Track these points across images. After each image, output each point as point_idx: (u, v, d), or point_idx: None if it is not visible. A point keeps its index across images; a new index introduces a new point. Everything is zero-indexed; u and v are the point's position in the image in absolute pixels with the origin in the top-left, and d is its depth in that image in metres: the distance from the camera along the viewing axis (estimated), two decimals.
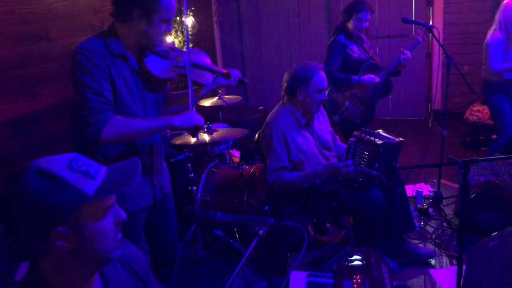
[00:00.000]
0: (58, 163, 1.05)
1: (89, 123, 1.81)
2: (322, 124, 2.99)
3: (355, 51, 3.72)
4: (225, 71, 2.26)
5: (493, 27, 3.88)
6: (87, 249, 1.07)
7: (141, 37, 1.92)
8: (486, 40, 3.90)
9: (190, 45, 5.28)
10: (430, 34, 3.69)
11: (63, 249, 1.05)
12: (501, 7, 3.83)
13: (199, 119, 2.01)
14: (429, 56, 6.02)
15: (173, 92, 2.33)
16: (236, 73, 2.29)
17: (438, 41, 3.51)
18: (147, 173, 2.09)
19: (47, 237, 1.03)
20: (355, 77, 3.62)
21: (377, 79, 3.66)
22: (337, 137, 3.14)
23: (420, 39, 3.77)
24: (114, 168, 1.14)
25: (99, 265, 1.15)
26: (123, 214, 1.14)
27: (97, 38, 1.90)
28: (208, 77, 2.21)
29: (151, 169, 2.10)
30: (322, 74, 2.78)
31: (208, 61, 2.25)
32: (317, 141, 2.88)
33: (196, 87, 2.22)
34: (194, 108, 2.06)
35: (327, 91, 3.72)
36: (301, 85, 2.76)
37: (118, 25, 1.92)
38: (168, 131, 3.41)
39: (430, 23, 5.64)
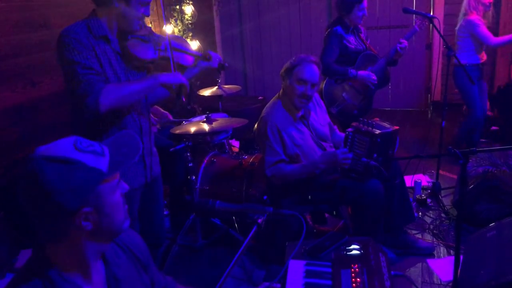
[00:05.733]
0: (64, 147, 1.06)
1: (84, 95, 1.85)
2: (319, 116, 2.98)
3: (352, 42, 3.70)
4: (203, 53, 2.29)
5: (463, 11, 4.13)
6: (106, 224, 1.12)
7: (121, 20, 1.98)
8: (462, 23, 4.13)
9: (190, 34, 5.28)
10: (431, 25, 3.67)
11: (86, 229, 1.08)
12: None
13: (183, 78, 2.07)
14: (429, 46, 6.00)
15: None
16: (215, 56, 2.31)
17: (438, 31, 3.50)
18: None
19: (72, 220, 1.05)
20: (352, 71, 3.60)
21: (374, 77, 3.65)
22: (335, 127, 3.13)
23: (417, 28, 3.76)
24: (112, 143, 1.17)
25: (112, 239, 1.21)
26: (126, 186, 1.19)
27: (79, 22, 1.95)
28: (189, 59, 2.24)
29: (142, 150, 2.15)
30: (309, 66, 2.71)
31: (188, 46, 2.30)
32: (313, 133, 2.87)
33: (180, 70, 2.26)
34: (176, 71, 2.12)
35: (324, 83, 3.71)
36: (286, 74, 2.76)
37: (98, 9, 1.99)
38: (170, 116, 3.47)
39: (431, 13, 5.61)
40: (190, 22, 5.31)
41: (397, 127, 2.73)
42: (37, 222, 1.07)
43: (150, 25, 4.87)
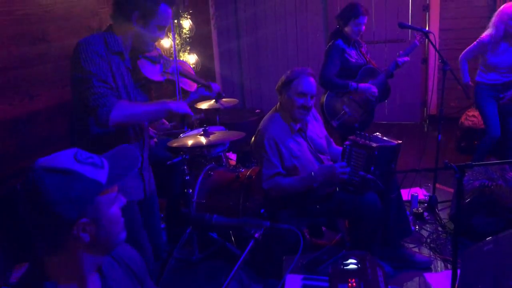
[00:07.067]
0: (65, 158, 1.08)
1: (97, 106, 1.88)
2: (316, 128, 3.00)
3: (353, 55, 3.73)
4: (206, 82, 2.50)
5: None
6: (103, 236, 1.12)
7: (136, 40, 2.06)
8: None
9: (188, 48, 5.31)
10: (426, 39, 3.72)
11: (83, 240, 1.08)
12: (497, 11, 3.94)
13: (189, 109, 2.19)
14: (425, 61, 6.06)
15: None
16: (215, 86, 2.55)
17: (434, 46, 3.54)
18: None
19: (70, 231, 1.06)
20: (353, 84, 3.62)
21: (375, 89, 3.68)
22: (331, 140, 3.15)
23: (417, 43, 3.81)
24: (111, 156, 1.19)
25: (109, 252, 1.21)
26: (124, 199, 1.20)
27: (96, 35, 2.00)
28: (192, 86, 2.44)
29: (142, 164, 2.21)
30: (307, 78, 2.74)
31: (192, 72, 2.49)
32: (311, 146, 2.88)
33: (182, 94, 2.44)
34: (181, 100, 2.25)
35: (325, 96, 3.73)
36: (284, 87, 2.78)
37: (116, 26, 2.04)
38: (167, 123, 3.52)
39: (427, 28, 5.67)
40: (188, 36, 5.35)
41: (399, 141, 2.74)
42: (36, 233, 1.08)
43: None
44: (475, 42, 4.00)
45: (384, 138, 2.76)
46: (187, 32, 5.33)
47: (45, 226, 1.06)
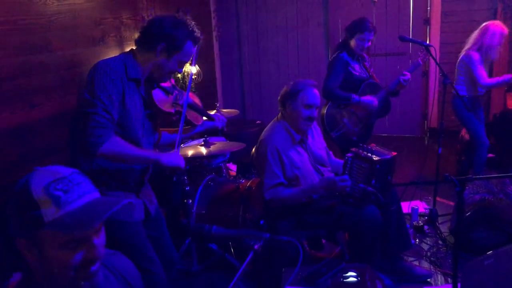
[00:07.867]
0: (42, 179, 1.06)
1: (92, 134, 1.88)
2: (316, 140, 3.00)
3: (357, 69, 3.76)
4: (212, 115, 2.59)
5: (469, 46, 4.04)
6: (48, 268, 1.07)
7: (155, 68, 2.09)
8: (463, 57, 4.06)
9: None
10: (427, 53, 3.74)
11: (30, 258, 1.08)
12: (483, 29, 3.97)
13: (182, 161, 2.17)
14: (425, 74, 6.08)
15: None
16: (222, 118, 2.60)
17: (435, 59, 3.56)
18: (133, 190, 2.19)
19: (18, 244, 1.07)
20: (355, 97, 3.64)
21: (376, 103, 3.69)
22: (330, 152, 3.15)
23: (420, 62, 3.85)
24: (97, 202, 1.09)
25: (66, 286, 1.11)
26: (98, 253, 1.10)
27: (117, 59, 2.02)
28: (199, 119, 2.50)
29: (139, 186, 2.22)
30: (312, 90, 2.78)
31: (201, 104, 2.55)
32: (311, 157, 2.88)
33: (188, 126, 2.47)
34: (178, 150, 2.21)
35: (326, 107, 3.75)
36: (289, 99, 2.79)
37: (139, 51, 2.08)
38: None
39: (427, 42, 5.70)
40: None
41: (395, 153, 2.75)
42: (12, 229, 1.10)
43: None
44: (477, 64, 3.96)
45: (381, 150, 2.77)
46: None
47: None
